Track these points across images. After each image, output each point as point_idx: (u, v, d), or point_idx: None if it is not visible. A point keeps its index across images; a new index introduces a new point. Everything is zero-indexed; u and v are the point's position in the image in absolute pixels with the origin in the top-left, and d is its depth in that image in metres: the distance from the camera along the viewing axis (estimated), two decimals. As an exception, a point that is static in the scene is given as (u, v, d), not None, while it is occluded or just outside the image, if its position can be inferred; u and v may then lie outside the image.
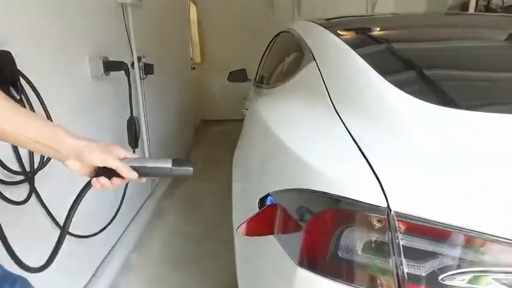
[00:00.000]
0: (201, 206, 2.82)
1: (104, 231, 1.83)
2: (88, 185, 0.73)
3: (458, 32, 1.42)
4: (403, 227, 0.58)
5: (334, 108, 0.95)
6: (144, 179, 0.77)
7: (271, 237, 0.81)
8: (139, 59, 2.43)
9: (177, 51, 4.02)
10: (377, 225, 0.60)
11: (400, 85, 0.87)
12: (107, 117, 1.97)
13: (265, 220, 0.81)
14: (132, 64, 2.35)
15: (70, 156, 0.69)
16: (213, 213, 2.65)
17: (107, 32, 2.00)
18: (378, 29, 1.47)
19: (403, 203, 0.60)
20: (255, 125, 1.32)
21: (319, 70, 1.16)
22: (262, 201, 0.92)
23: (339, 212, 0.64)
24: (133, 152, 2.09)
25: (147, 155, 2.60)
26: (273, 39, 2.53)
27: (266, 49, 2.76)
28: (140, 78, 2.48)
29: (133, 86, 2.38)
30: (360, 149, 0.71)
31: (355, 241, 0.62)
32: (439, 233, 0.57)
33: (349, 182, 0.65)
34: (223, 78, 3.32)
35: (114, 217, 1.95)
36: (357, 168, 0.67)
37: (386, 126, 0.79)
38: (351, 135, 0.78)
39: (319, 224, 0.67)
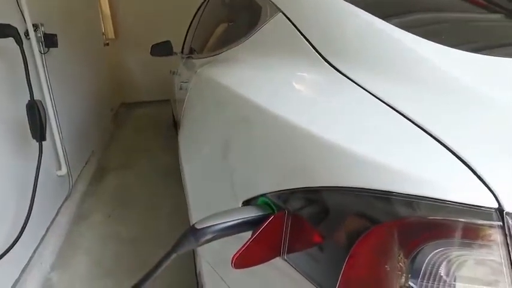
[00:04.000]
0: (133, 204, 2.41)
1: (9, 253, 1.39)
2: None
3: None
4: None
5: (334, 67, 0.69)
6: None
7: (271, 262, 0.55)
8: (35, 27, 1.91)
9: (85, 24, 3.40)
10: (485, 237, 0.37)
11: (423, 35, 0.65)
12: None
13: (268, 238, 0.53)
14: (27, 33, 1.83)
15: None
16: (150, 211, 2.27)
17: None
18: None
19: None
20: (212, 97, 1.02)
21: (292, 23, 0.89)
22: (249, 204, 0.64)
23: (420, 222, 0.39)
24: (40, 146, 1.63)
25: (59, 147, 2.11)
26: (204, 1, 2.18)
27: (195, 14, 2.39)
28: (40, 53, 1.96)
29: (32, 61, 1.87)
30: (414, 123, 0.47)
31: (449, 266, 0.38)
32: None
33: (432, 176, 0.39)
34: (141, 55, 2.90)
35: (21, 231, 1.50)
36: (431, 153, 0.42)
37: (434, 86, 0.55)
38: (383, 101, 0.53)
39: (383, 241, 0.41)
